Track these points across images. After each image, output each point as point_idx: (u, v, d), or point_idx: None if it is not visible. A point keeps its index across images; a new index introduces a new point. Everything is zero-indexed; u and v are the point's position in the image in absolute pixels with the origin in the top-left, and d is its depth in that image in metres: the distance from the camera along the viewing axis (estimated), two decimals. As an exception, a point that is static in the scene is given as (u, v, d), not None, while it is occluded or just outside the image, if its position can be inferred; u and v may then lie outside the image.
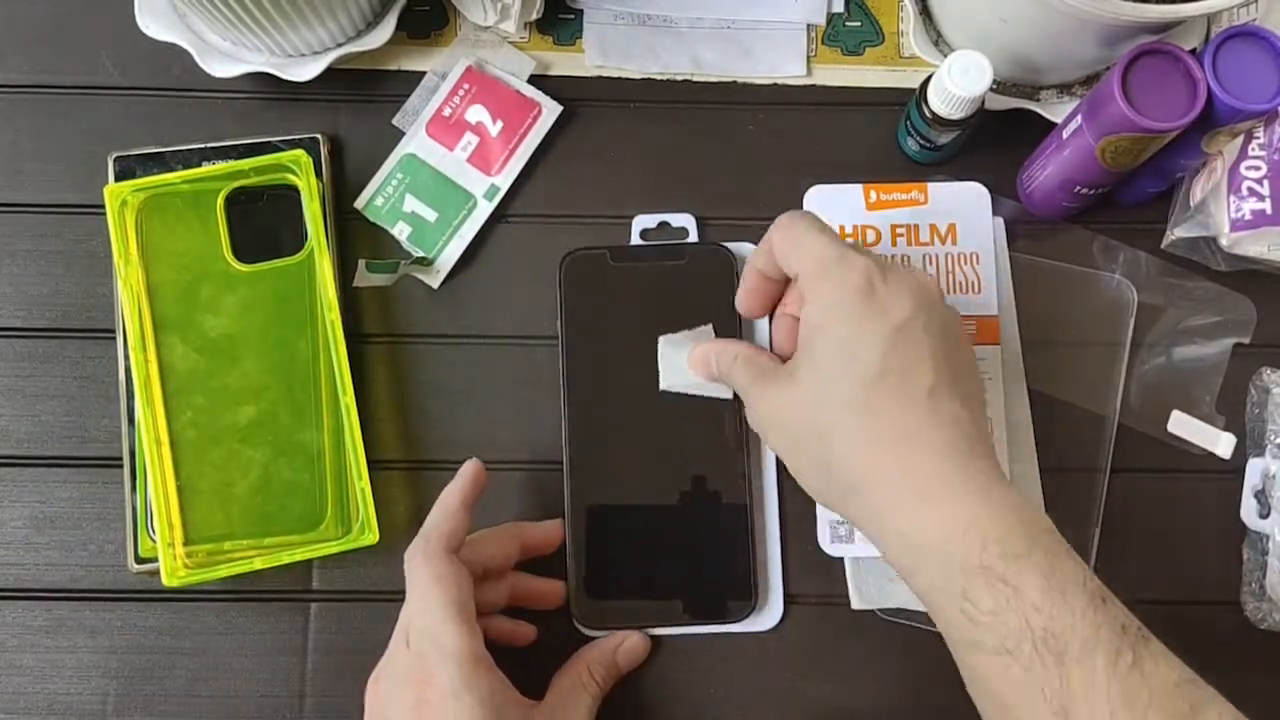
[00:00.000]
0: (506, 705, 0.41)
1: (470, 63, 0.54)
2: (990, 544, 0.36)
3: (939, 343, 0.41)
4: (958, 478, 0.38)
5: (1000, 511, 0.37)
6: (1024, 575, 0.36)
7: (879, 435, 0.39)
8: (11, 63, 0.55)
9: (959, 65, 0.47)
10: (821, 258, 0.42)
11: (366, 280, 0.50)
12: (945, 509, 0.38)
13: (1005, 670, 0.36)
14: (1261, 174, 0.50)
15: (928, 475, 0.38)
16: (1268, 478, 0.50)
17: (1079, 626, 0.35)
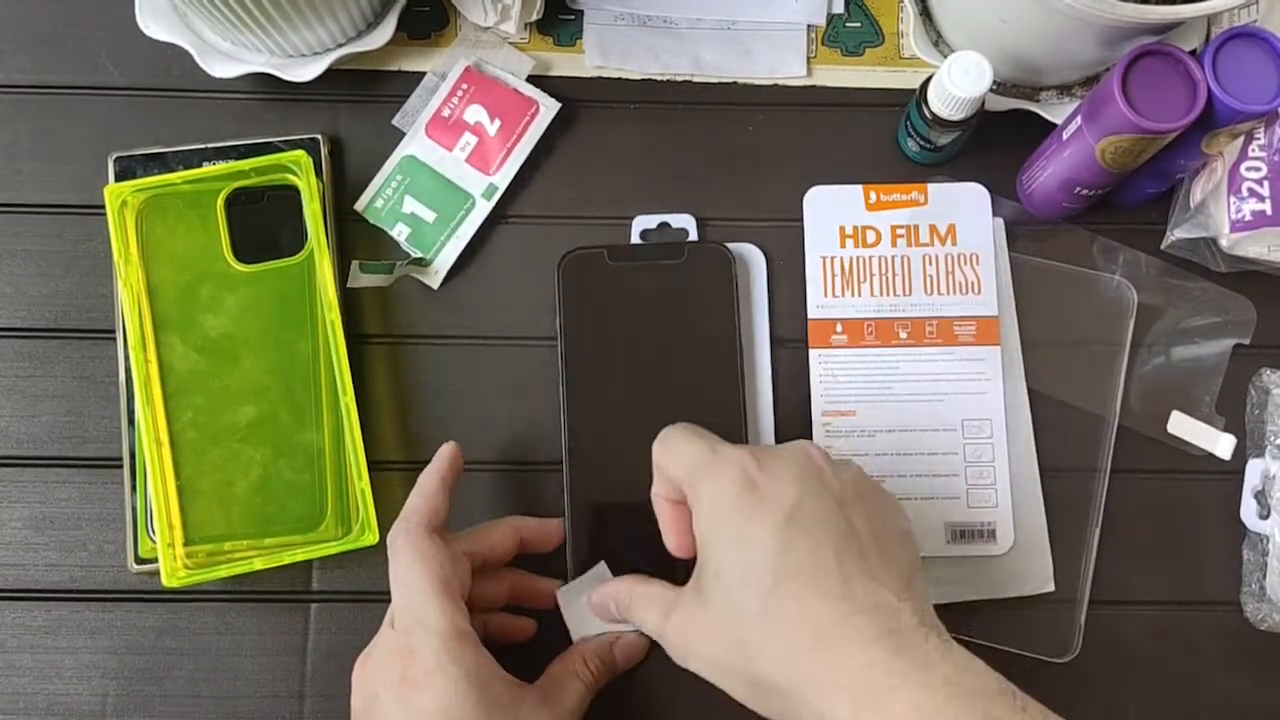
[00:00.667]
0: (493, 681, 0.41)
1: (469, 63, 0.54)
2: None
3: (838, 518, 0.38)
4: (892, 668, 0.35)
5: (943, 692, 0.34)
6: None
7: (797, 641, 0.36)
8: (12, 63, 0.55)
9: (959, 66, 0.47)
10: (694, 461, 0.40)
11: (360, 281, 0.50)
12: (886, 711, 0.34)
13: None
14: (1261, 175, 0.50)
15: (858, 674, 0.35)
16: (1267, 479, 0.50)
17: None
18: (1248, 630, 0.50)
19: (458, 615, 0.41)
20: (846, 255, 0.52)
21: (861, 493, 0.40)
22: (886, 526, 0.39)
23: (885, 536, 0.39)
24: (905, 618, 0.36)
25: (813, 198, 0.53)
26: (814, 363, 0.51)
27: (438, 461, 0.46)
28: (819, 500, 0.38)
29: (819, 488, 0.39)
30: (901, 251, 0.52)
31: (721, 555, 0.38)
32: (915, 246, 0.52)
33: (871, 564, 0.37)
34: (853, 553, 0.37)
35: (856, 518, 0.38)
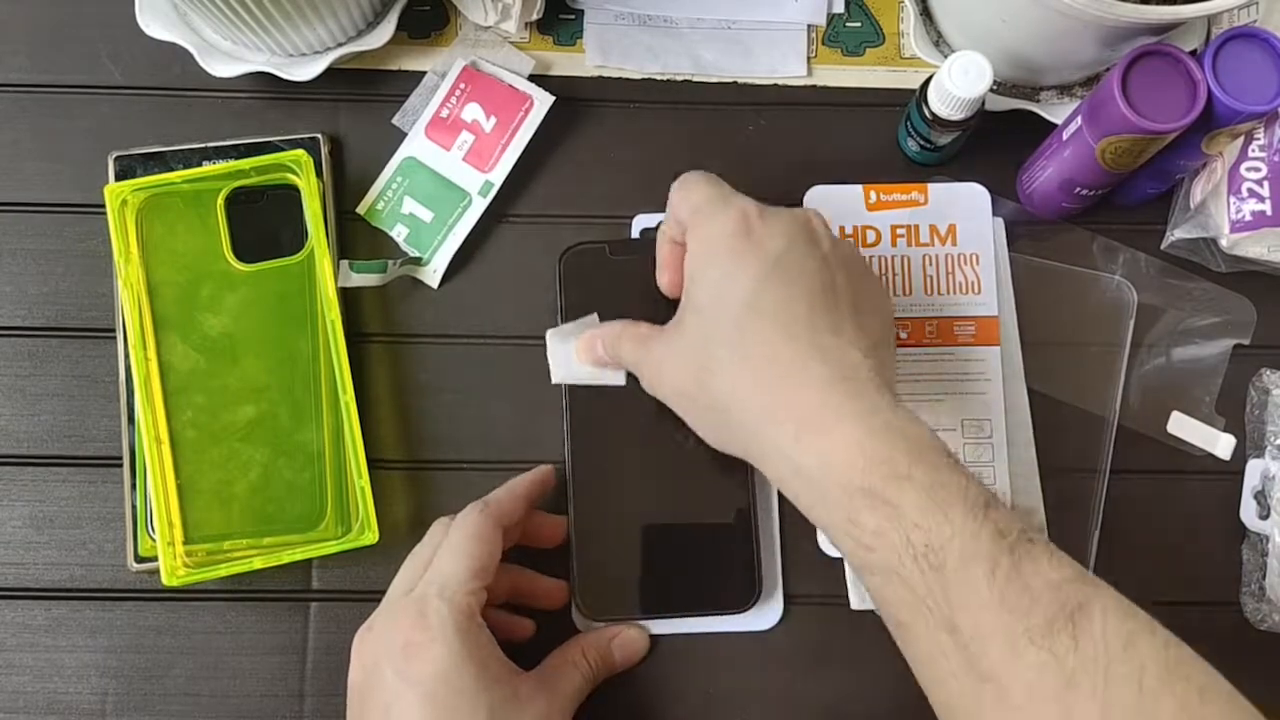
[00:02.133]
0: (492, 660, 0.41)
1: (467, 62, 0.54)
2: (872, 466, 0.36)
3: (821, 277, 0.40)
4: (841, 407, 0.38)
5: (883, 434, 0.37)
6: (904, 494, 0.35)
7: (759, 372, 0.39)
8: (12, 62, 0.55)
9: (959, 66, 0.47)
10: (701, 202, 0.42)
11: (351, 281, 0.50)
12: (826, 437, 0.37)
13: (895, 590, 0.36)
14: (1261, 175, 0.50)
15: (809, 407, 0.38)
16: (1267, 479, 0.50)
17: (957, 538, 0.35)
18: (1248, 630, 0.50)
19: (477, 600, 0.42)
20: (846, 255, 0.52)
21: (849, 263, 0.42)
22: (865, 296, 0.42)
23: (862, 304, 0.41)
24: (863, 372, 0.39)
25: (813, 197, 0.53)
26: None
27: (533, 475, 0.48)
28: (806, 256, 0.40)
29: (809, 246, 0.41)
30: (902, 251, 0.52)
31: (704, 290, 0.41)
32: (915, 246, 0.52)
33: (842, 322, 0.40)
34: (826, 307, 0.40)
35: (839, 280, 0.41)
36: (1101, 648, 0.33)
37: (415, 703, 0.39)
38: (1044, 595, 0.34)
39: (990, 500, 0.36)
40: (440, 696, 0.39)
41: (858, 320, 0.40)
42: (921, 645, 0.36)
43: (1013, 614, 0.34)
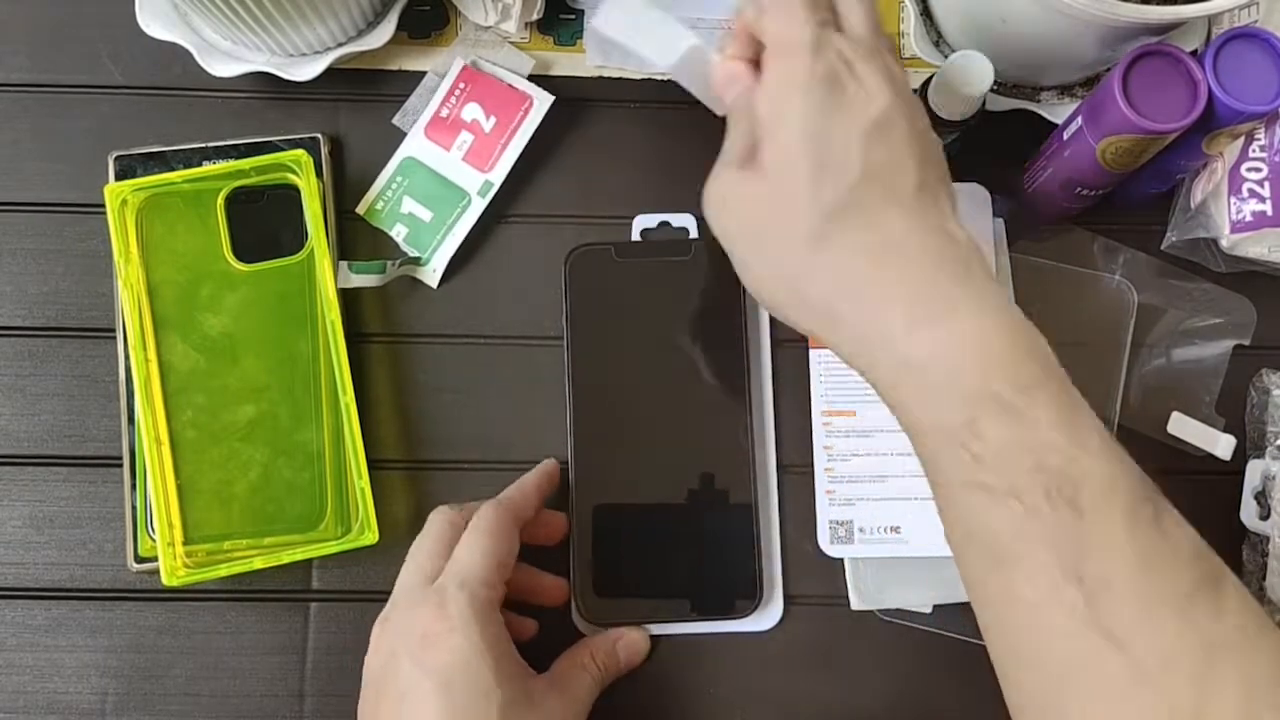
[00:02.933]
0: (507, 657, 0.41)
1: (466, 62, 0.54)
2: (997, 368, 0.32)
3: (918, 140, 0.36)
4: (957, 291, 0.33)
5: (1006, 332, 0.33)
6: (1038, 408, 0.31)
7: (864, 245, 0.34)
8: (12, 62, 0.55)
9: (959, 66, 0.47)
10: (790, 30, 0.36)
11: (350, 282, 0.50)
12: (945, 326, 0.33)
13: (1007, 518, 0.31)
14: (1262, 175, 0.50)
15: (922, 288, 0.33)
16: (1268, 479, 0.50)
17: (1096, 472, 0.31)
18: (1247, 631, 0.50)
19: (494, 593, 0.42)
20: (847, 255, 0.52)
21: (929, 127, 0.38)
22: (947, 172, 0.38)
23: (948, 178, 0.38)
24: (974, 255, 0.35)
25: (813, 198, 0.53)
26: (814, 363, 0.51)
27: (541, 469, 0.49)
28: (909, 114, 0.36)
29: (908, 104, 0.37)
30: (902, 251, 0.52)
31: (796, 141, 0.35)
32: (915, 246, 0.52)
33: (942, 197, 0.36)
34: (929, 179, 0.36)
35: (932, 151, 0.37)
36: (1240, 621, 0.30)
37: (431, 691, 0.39)
38: (1187, 558, 0.31)
39: (1117, 443, 0.32)
40: (456, 686, 0.39)
41: (950, 195, 0.36)
42: (1029, 588, 0.31)
43: (1156, 574, 0.30)
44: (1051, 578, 0.30)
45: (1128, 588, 0.30)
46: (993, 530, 0.32)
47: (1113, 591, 0.30)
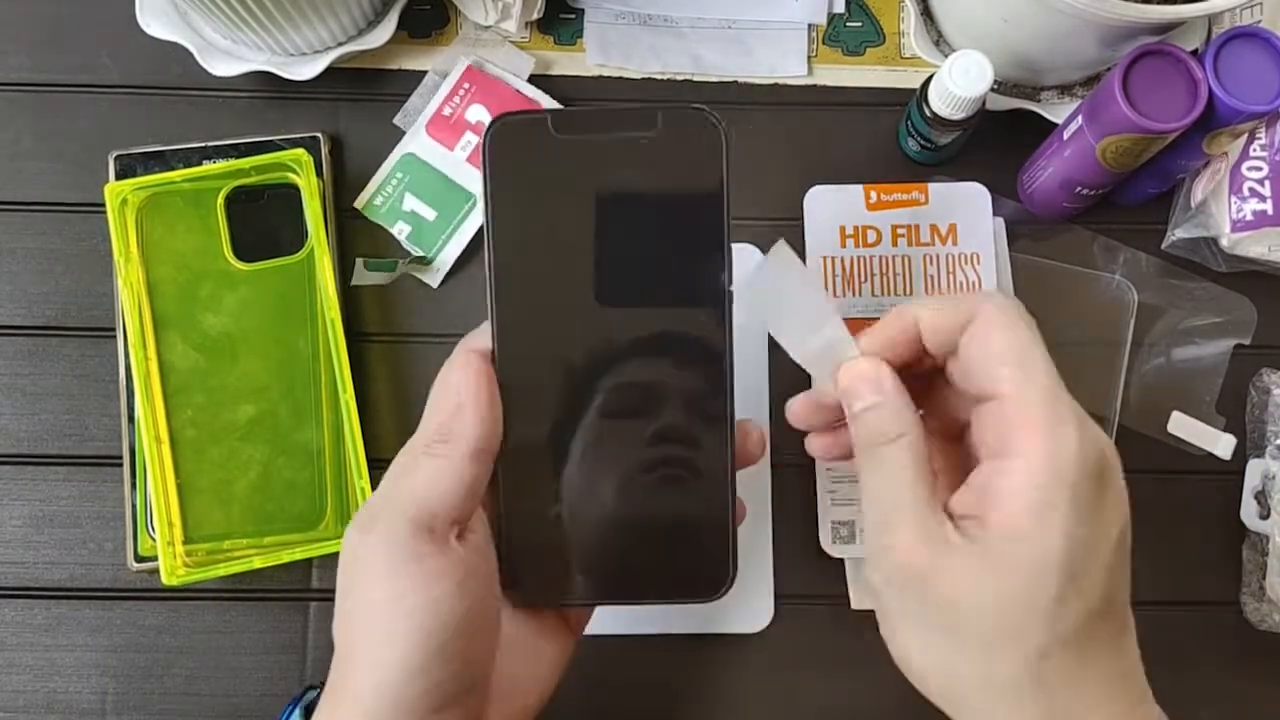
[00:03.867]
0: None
1: (470, 62, 0.54)
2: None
3: (1126, 557, 0.32)
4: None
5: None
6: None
7: (1089, 674, 0.31)
8: (13, 61, 0.55)
9: (960, 66, 0.47)
10: (1053, 404, 0.31)
11: (365, 279, 0.50)
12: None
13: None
14: (1262, 175, 0.50)
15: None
16: (1268, 479, 0.50)
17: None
18: (1248, 630, 0.50)
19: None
20: (847, 255, 0.52)
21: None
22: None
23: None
24: (1145, 689, 0.32)
25: (813, 197, 0.53)
26: (814, 362, 0.51)
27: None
28: (1126, 524, 0.32)
29: (1119, 506, 0.32)
30: (902, 251, 0.52)
31: (1052, 544, 0.30)
32: (916, 246, 0.52)
33: (1128, 616, 0.32)
34: (1123, 598, 0.32)
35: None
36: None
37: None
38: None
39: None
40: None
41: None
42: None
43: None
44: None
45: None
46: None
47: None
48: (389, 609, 0.34)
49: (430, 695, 0.34)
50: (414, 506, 0.35)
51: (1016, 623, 0.30)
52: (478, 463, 0.35)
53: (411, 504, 0.35)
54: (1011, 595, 0.30)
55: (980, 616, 0.30)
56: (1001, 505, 0.30)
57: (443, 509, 0.35)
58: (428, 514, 0.35)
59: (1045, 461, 0.30)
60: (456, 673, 0.34)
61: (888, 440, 0.32)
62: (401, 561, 0.35)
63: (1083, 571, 0.30)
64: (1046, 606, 0.30)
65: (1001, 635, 0.30)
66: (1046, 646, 0.30)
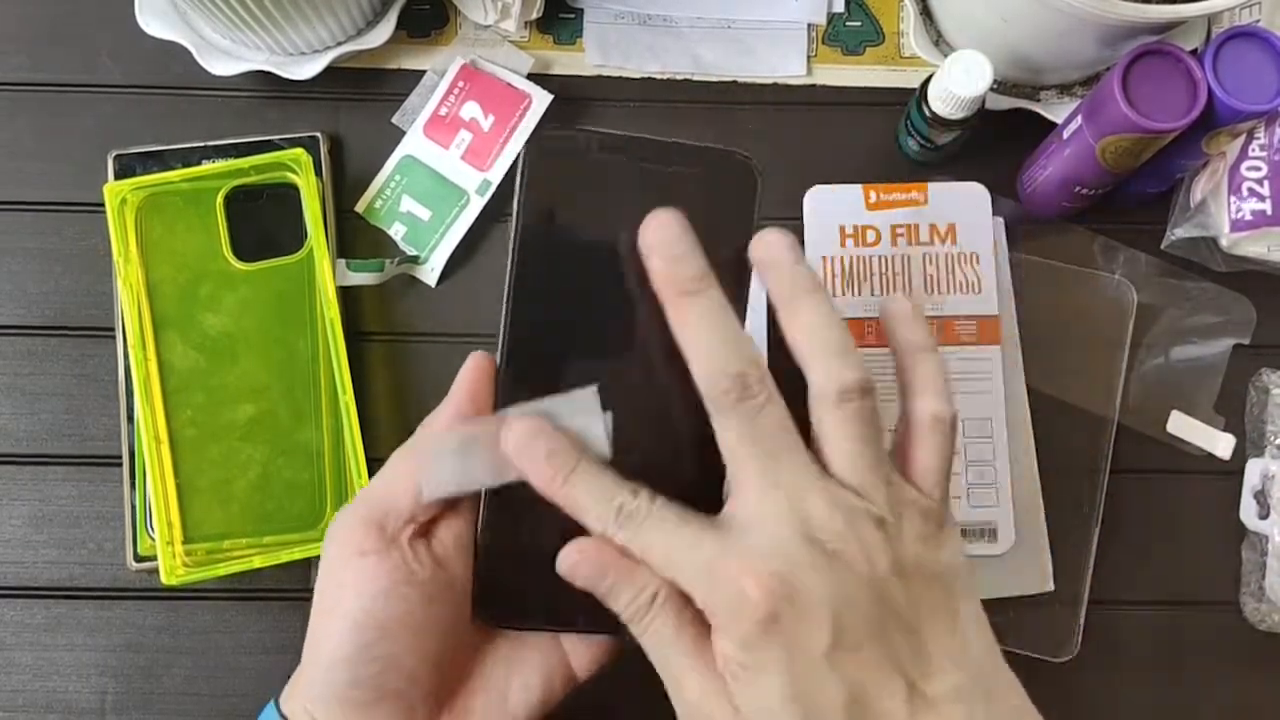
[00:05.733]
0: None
1: (466, 61, 0.54)
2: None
3: (886, 622, 0.32)
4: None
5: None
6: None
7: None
8: (12, 61, 0.55)
9: (959, 65, 0.47)
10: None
11: (349, 279, 0.50)
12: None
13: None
14: (1262, 174, 0.50)
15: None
16: (1267, 478, 0.50)
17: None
18: (1247, 630, 0.50)
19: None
20: (847, 255, 0.52)
21: (905, 564, 0.33)
22: (934, 595, 0.33)
23: (935, 613, 0.33)
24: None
25: (813, 197, 0.53)
26: (813, 362, 0.51)
27: (466, 375, 0.38)
28: (855, 589, 0.32)
29: (848, 574, 0.32)
30: (902, 251, 0.52)
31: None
32: (915, 246, 0.52)
33: (932, 656, 0.32)
34: (905, 650, 0.32)
35: (898, 595, 0.32)
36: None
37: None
38: None
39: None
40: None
41: (949, 633, 0.33)
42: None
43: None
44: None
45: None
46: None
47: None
48: (331, 596, 0.35)
49: (359, 689, 0.35)
50: (369, 502, 0.36)
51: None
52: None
53: (368, 499, 0.36)
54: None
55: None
56: (725, 669, 0.32)
57: (396, 508, 0.35)
58: (380, 511, 0.35)
59: (722, 623, 0.31)
60: (383, 672, 0.35)
61: (645, 608, 0.33)
62: (347, 555, 0.35)
63: (810, 702, 0.30)
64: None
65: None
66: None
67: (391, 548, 0.35)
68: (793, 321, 0.34)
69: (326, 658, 0.35)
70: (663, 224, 0.33)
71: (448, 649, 0.36)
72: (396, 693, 0.35)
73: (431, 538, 0.36)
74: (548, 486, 0.33)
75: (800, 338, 0.34)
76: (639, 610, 0.33)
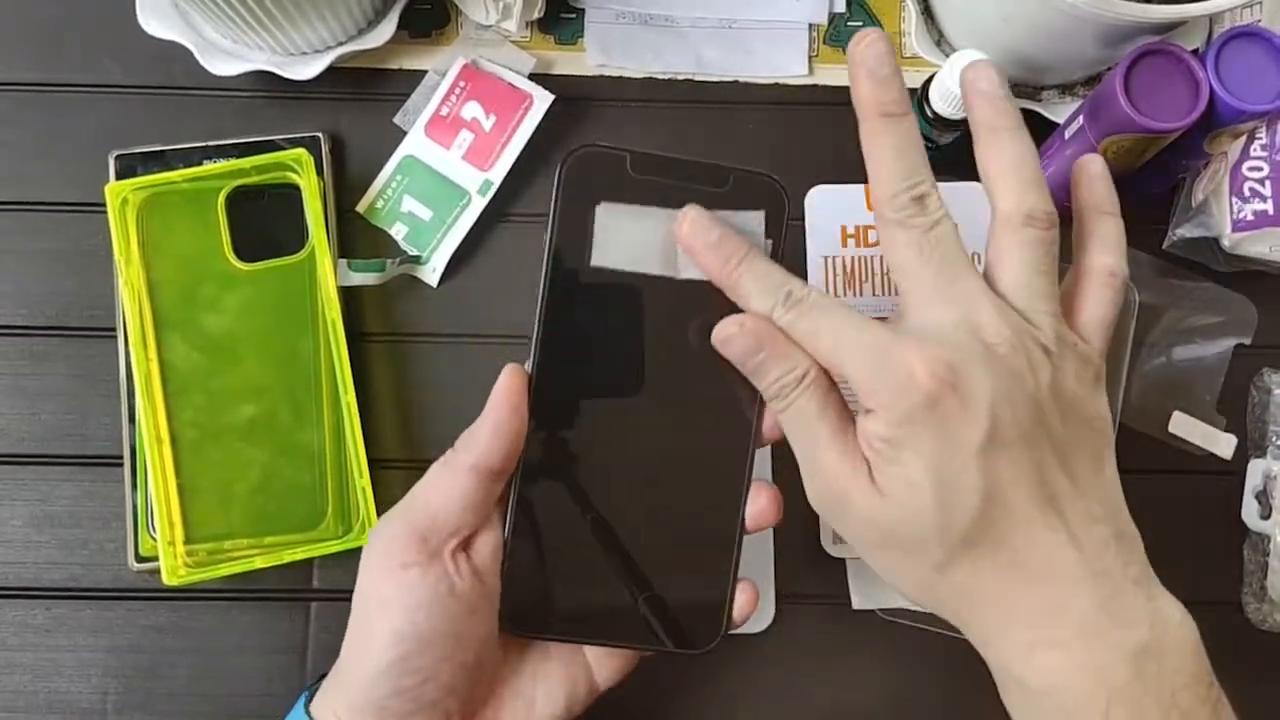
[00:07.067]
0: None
1: (467, 61, 0.54)
2: (1115, 706, 0.31)
3: (1039, 429, 0.33)
4: (1085, 615, 0.32)
5: (1133, 660, 0.31)
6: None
7: (989, 568, 0.33)
8: (13, 61, 0.55)
9: (961, 65, 0.47)
10: (883, 347, 0.32)
11: (349, 280, 0.50)
12: (1063, 655, 0.32)
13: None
14: (1263, 175, 0.50)
15: (1045, 611, 0.32)
16: (1269, 479, 0.50)
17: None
18: (1248, 630, 0.50)
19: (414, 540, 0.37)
20: (848, 255, 0.52)
21: (1057, 386, 0.34)
22: (1082, 427, 0.34)
23: (1083, 442, 0.34)
24: (1111, 558, 0.33)
25: (814, 197, 0.53)
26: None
27: (497, 403, 0.37)
28: (1019, 404, 0.33)
29: (1016, 383, 0.33)
30: (903, 251, 0.52)
31: (906, 476, 0.32)
32: (916, 246, 0.52)
33: (1076, 484, 0.33)
34: (1053, 469, 0.33)
35: (1054, 421, 0.33)
36: None
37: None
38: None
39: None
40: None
41: (1095, 471, 0.34)
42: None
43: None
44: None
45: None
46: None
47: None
48: (373, 607, 0.36)
49: (399, 699, 0.35)
50: (411, 513, 0.36)
51: (917, 540, 0.33)
52: (481, 478, 0.36)
53: (410, 510, 0.36)
54: (905, 519, 0.33)
55: (891, 534, 0.33)
56: (869, 449, 0.33)
57: (440, 520, 0.36)
58: (424, 523, 0.36)
59: (883, 402, 0.32)
60: (424, 683, 0.35)
61: (792, 385, 0.34)
62: (390, 566, 0.35)
63: (950, 486, 0.32)
64: (931, 524, 0.32)
65: (912, 548, 0.33)
66: (946, 554, 0.32)
67: (434, 560, 0.35)
68: (991, 149, 0.35)
69: (368, 668, 0.35)
70: (873, 42, 0.34)
71: (483, 660, 0.37)
72: (433, 703, 0.35)
73: (471, 549, 0.36)
74: (719, 271, 0.35)
75: (996, 165, 0.35)
76: (786, 386, 0.34)
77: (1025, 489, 0.32)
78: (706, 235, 0.35)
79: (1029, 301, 0.34)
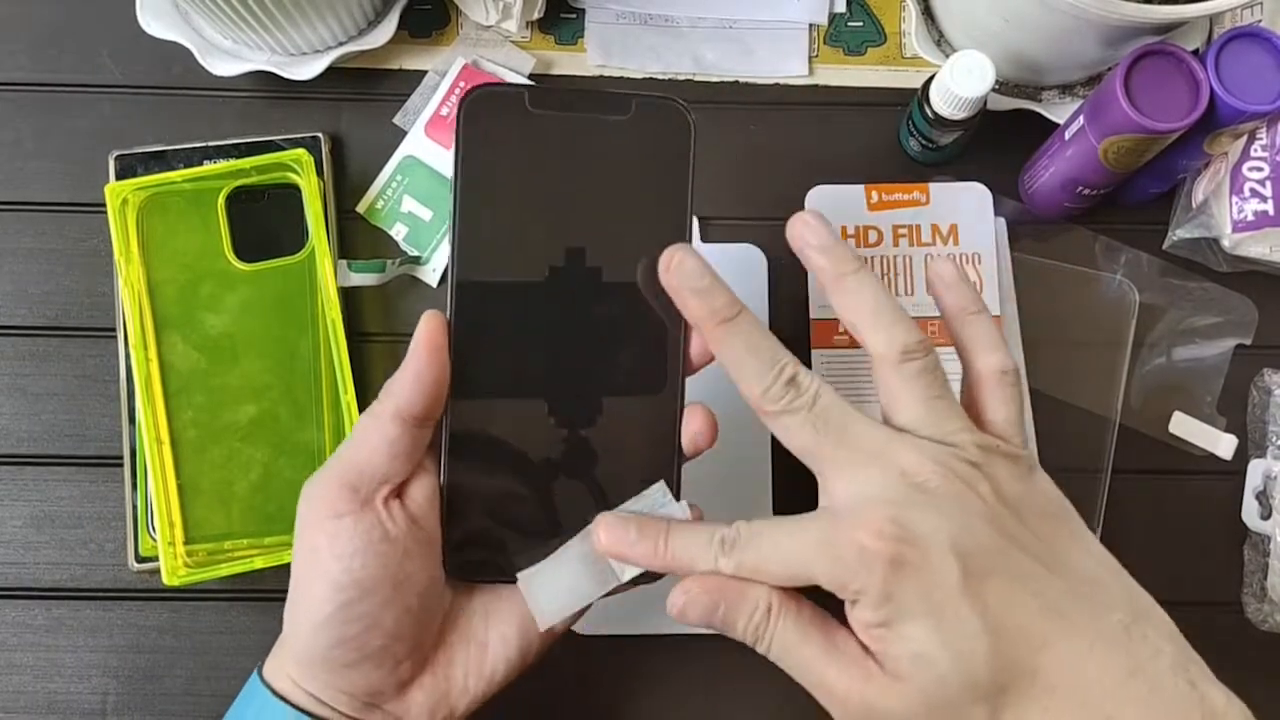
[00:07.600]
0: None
1: (467, 61, 0.54)
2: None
3: (1009, 548, 0.32)
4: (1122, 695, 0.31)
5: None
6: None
7: (1031, 706, 0.32)
8: (13, 61, 0.55)
9: (961, 66, 0.47)
10: (831, 532, 0.32)
11: (350, 280, 0.50)
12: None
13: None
14: (1263, 175, 0.50)
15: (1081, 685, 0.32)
16: (1269, 479, 0.50)
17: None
18: (1249, 630, 0.50)
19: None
20: (848, 255, 0.52)
21: (1019, 496, 0.34)
22: (1061, 526, 0.34)
23: (1069, 542, 0.34)
24: (1138, 646, 0.33)
25: (814, 197, 0.53)
26: (816, 363, 0.51)
27: (417, 349, 0.37)
28: (977, 523, 0.32)
29: (970, 503, 0.33)
30: (903, 251, 0.52)
31: (911, 655, 0.31)
32: (917, 246, 0.52)
33: (1080, 585, 0.33)
34: (1040, 582, 0.33)
35: (1014, 528, 0.33)
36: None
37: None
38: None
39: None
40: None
41: (1083, 554, 0.34)
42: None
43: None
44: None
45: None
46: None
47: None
48: (308, 560, 0.36)
49: (342, 649, 0.35)
50: (340, 465, 0.36)
51: (954, 710, 0.31)
52: (405, 424, 0.36)
53: (339, 462, 0.36)
54: (931, 693, 0.31)
55: (930, 717, 0.32)
56: (868, 637, 0.32)
57: (368, 469, 0.36)
58: (353, 472, 0.36)
59: (857, 588, 0.31)
60: (365, 631, 0.35)
61: (764, 622, 0.33)
62: (322, 518, 0.35)
63: (955, 638, 0.31)
64: (958, 689, 0.31)
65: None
66: (989, 717, 0.31)
67: (366, 508, 0.35)
68: (844, 297, 0.35)
69: (308, 621, 0.35)
70: (680, 261, 0.35)
71: (427, 605, 0.37)
72: (379, 650, 0.35)
73: (405, 496, 0.36)
74: (651, 555, 0.35)
75: (854, 311, 0.35)
76: (759, 626, 0.34)
77: (1023, 608, 0.32)
78: (624, 533, 0.35)
79: (937, 427, 0.34)
